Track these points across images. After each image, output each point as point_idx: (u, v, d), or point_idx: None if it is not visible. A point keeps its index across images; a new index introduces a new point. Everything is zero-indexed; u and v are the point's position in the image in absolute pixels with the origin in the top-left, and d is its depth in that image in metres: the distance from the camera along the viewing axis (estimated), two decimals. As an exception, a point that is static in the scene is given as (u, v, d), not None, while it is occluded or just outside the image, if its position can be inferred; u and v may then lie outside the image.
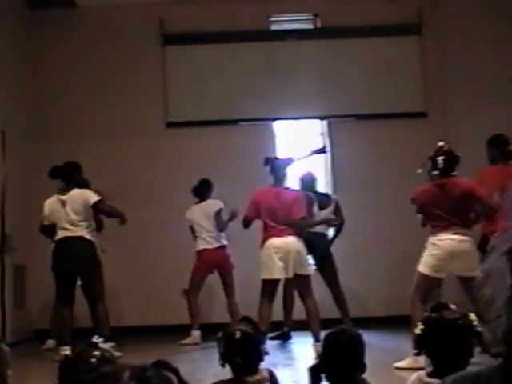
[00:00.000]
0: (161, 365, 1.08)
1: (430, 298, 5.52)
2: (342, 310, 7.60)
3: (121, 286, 8.40)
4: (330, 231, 7.95)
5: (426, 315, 2.71)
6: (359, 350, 2.75)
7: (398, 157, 8.89)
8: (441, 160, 5.58)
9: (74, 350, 2.40)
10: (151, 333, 8.26)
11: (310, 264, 6.82)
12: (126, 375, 1.03)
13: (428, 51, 9.25)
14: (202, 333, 7.45)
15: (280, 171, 6.73)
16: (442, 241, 5.54)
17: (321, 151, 9.41)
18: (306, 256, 6.60)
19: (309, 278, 6.58)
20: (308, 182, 7.77)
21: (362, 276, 8.73)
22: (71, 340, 6.28)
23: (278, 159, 6.94)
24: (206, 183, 8.06)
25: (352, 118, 9.27)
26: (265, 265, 6.48)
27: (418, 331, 2.64)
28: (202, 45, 9.27)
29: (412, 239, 7.08)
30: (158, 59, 9.27)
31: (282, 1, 9.42)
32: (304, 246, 6.54)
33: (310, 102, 9.26)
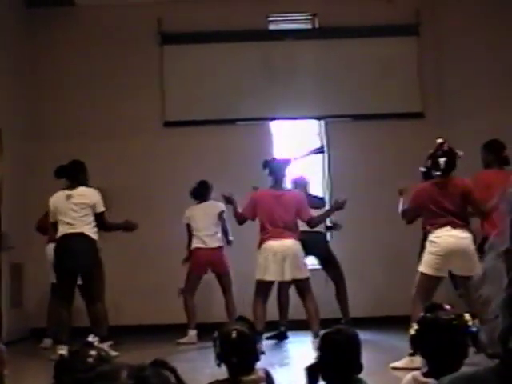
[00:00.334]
0: (159, 364, 1.08)
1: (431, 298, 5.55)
2: (342, 307, 7.63)
3: (118, 285, 8.39)
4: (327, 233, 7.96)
5: (421, 315, 2.72)
6: (356, 349, 2.75)
7: (395, 157, 8.89)
8: (442, 161, 5.63)
9: (70, 349, 2.40)
10: (148, 332, 8.25)
11: (308, 265, 6.80)
12: (124, 374, 1.03)
13: (426, 52, 9.25)
14: (200, 332, 7.44)
15: (279, 172, 6.75)
16: (439, 238, 5.56)
17: (318, 151, 9.43)
18: (304, 258, 6.61)
19: (307, 280, 6.59)
20: (301, 185, 7.77)
21: (359, 276, 8.72)
22: (68, 339, 6.27)
23: (276, 160, 6.95)
24: (205, 185, 8.02)
25: (349, 118, 9.28)
26: (260, 266, 6.50)
27: (412, 332, 2.65)
28: (199, 44, 9.26)
29: (409, 240, 7.11)
30: (155, 58, 9.26)
31: (280, 0, 9.41)
32: (301, 248, 6.55)
33: (308, 101, 9.26)
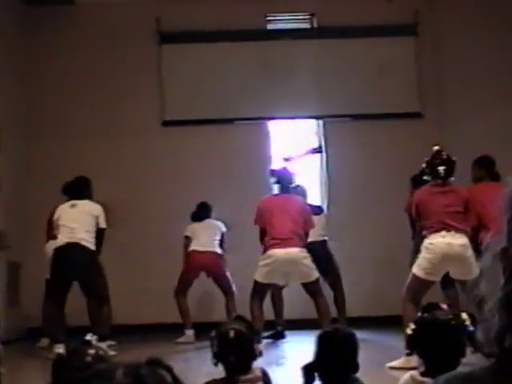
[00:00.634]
0: (154, 362, 1.08)
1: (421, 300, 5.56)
2: (339, 310, 7.64)
3: (115, 284, 8.37)
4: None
5: (418, 316, 2.72)
6: (352, 349, 2.75)
7: (393, 157, 8.90)
8: (442, 170, 5.67)
9: (67, 348, 2.40)
10: (144, 331, 8.24)
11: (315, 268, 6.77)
12: (120, 373, 1.03)
13: (424, 52, 9.26)
14: (199, 332, 7.44)
15: (286, 182, 6.79)
16: (433, 244, 5.56)
17: (316, 151, 9.43)
18: (311, 262, 6.59)
19: (316, 282, 6.60)
20: (299, 195, 7.78)
21: (357, 275, 8.73)
22: (65, 338, 6.27)
23: (284, 171, 6.99)
24: (205, 206, 8.03)
25: (347, 117, 9.28)
26: (263, 269, 6.49)
27: (409, 331, 2.65)
28: (198, 43, 9.26)
29: (407, 240, 7.11)
30: (154, 57, 9.26)
31: (279, 0, 9.42)
32: (308, 254, 6.55)
33: (306, 101, 9.26)
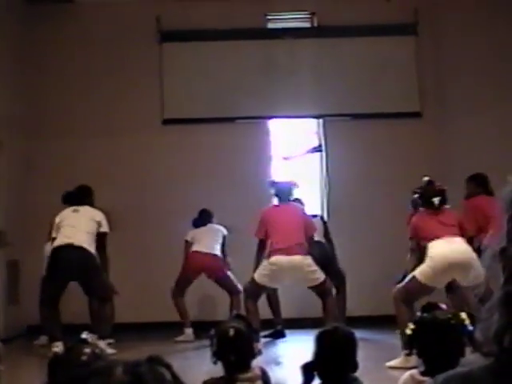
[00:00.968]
0: (154, 360, 1.08)
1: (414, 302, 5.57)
2: (339, 309, 7.64)
3: (115, 284, 8.37)
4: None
5: (418, 315, 2.72)
6: (351, 348, 2.76)
7: (393, 156, 8.90)
8: (437, 201, 5.79)
9: (66, 346, 2.40)
10: (144, 330, 8.24)
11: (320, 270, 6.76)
12: (119, 370, 1.03)
13: (424, 51, 9.25)
14: (198, 331, 7.44)
15: (285, 196, 6.81)
16: (436, 253, 5.55)
17: (316, 150, 9.43)
18: (315, 266, 6.60)
19: (323, 284, 6.60)
20: None
21: (357, 275, 8.73)
22: (62, 335, 6.27)
23: (283, 183, 7.00)
24: (206, 213, 8.03)
25: (347, 117, 9.27)
26: (266, 272, 6.49)
27: (408, 331, 2.65)
28: (198, 42, 9.25)
29: (407, 239, 7.10)
30: (154, 56, 9.25)
31: (279, -1, 9.43)
32: (311, 259, 6.56)
33: (306, 100, 9.26)
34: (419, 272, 5.57)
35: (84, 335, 2.22)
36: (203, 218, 8.00)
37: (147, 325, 8.43)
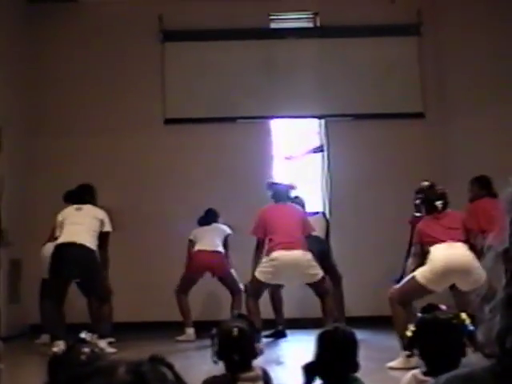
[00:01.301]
0: (156, 360, 1.09)
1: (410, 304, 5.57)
2: (337, 309, 7.63)
3: (115, 282, 8.39)
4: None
5: (419, 316, 2.72)
6: (352, 348, 2.76)
7: (395, 157, 8.90)
8: (440, 204, 5.77)
9: (67, 345, 2.40)
10: (145, 329, 8.24)
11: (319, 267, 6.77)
12: (122, 370, 1.03)
13: (426, 52, 9.25)
14: (199, 330, 7.44)
15: (281, 197, 6.83)
16: (436, 256, 5.55)
17: (317, 150, 9.43)
18: (315, 263, 6.61)
19: (322, 281, 6.62)
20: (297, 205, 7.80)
21: (358, 275, 8.73)
22: (65, 334, 6.27)
23: (280, 185, 7.02)
24: (212, 212, 8.04)
25: (349, 117, 9.27)
26: (267, 269, 6.50)
27: (409, 333, 2.65)
28: (201, 42, 9.26)
29: (406, 237, 7.10)
30: (157, 56, 9.26)
31: (282, -1, 9.42)
32: (311, 255, 6.57)
33: (308, 100, 9.26)
34: (420, 273, 5.55)
35: (83, 334, 2.23)
36: (208, 217, 8.01)
37: (148, 324, 8.43)
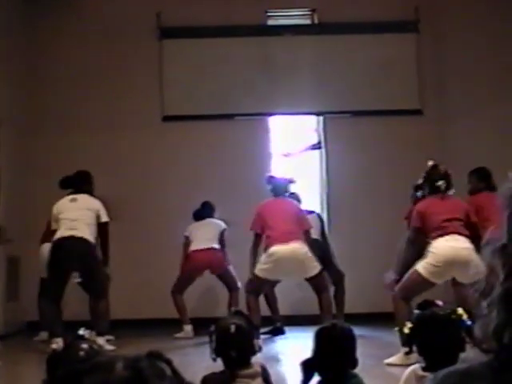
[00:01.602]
0: (154, 355, 1.09)
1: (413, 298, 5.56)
2: (338, 307, 7.65)
3: (114, 280, 8.38)
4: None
5: (418, 313, 2.72)
6: (350, 344, 2.76)
7: (393, 154, 8.90)
8: (442, 184, 5.71)
9: (65, 342, 2.40)
10: (143, 326, 8.24)
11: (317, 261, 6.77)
12: (120, 365, 1.04)
13: (425, 49, 9.25)
14: (197, 327, 7.44)
15: (280, 190, 6.83)
16: (438, 248, 5.52)
17: (315, 147, 9.43)
18: (312, 256, 6.61)
19: (319, 276, 6.61)
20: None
21: (357, 272, 8.74)
22: (62, 331, 6.27)
23: (279, 179, 7.02)
24: (208, 205, 8.03)
25: (348, 114, 9.27)
26: (266, 266, 6.50)
27: (406, 330, 2.65)
28: (198, 39, 9.25)
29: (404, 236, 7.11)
30: (154, 53, 9.24)
31: (280, -4, 9.42)
32: (308, 248, 6.58)
33: (306, 97, 9.26)
34: (421, 267, 5.51)
35: (81, 331, 2.23)
36: (204, 211, 7.99)
37: (146, 321, 8.43)
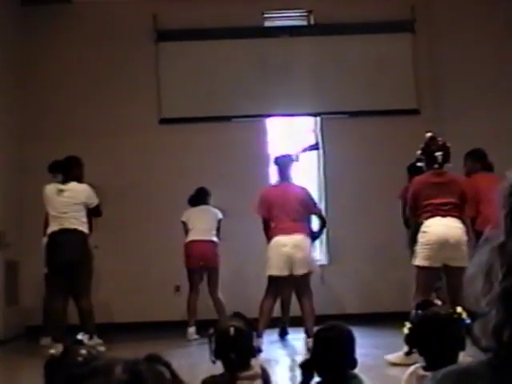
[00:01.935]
0: (153, 359, 1.08)
1: (431, 292, 5.58)
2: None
3: (113, 283, 8.40)
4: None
5: (419, 313, 2.71)
6: (349, 345, 2.76)
7: (390, 154, 8.89)
8: (439, 155, 5.73)
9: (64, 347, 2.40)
10: (143, 329, 8.24)
11: (316, 261, 6.77)
12: (119, 369, 1.03)
13: (421, 48, 9.26)
14: (201, 329, 7.41)
15: (284, 168, 6.80)
16: (430, 227, 5.59)
17: (313, 148, 9.43)
18: (312, 254, 6.62)
19: (309, 275, 6.60)
20: None
21: (355, 272, 8.75)
22: (64, 336, 6.26)
23: (283, 157, 7.01)
24: (203, 191, 8.02)
25: (345, 114, 9.27)
26: (270, 261, 6.51)
27: (406, 331, 2.65)
28: (195, 41, 9.24)
29: (403, 235, 7.12)
30: (151, 55, 9.24)
31: (276, -3, 9.42)
32: (310, 243, 6.57)
33: (303, 98, 9.26)
34: (418, 257, 5.63)
35: (80, 336, 2.22)
36: (200, 197, 7.97)
37: (146, 324, 8.43)
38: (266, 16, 9.49)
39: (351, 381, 2.74)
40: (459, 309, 2.61)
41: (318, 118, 9.44)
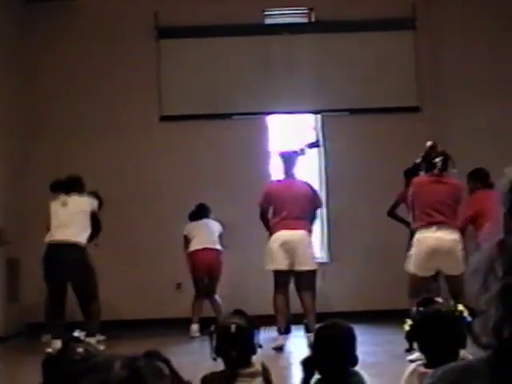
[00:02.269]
0: (152, 355, 1.09)
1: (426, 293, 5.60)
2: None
3: (114, 281, 8.39)
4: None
5: (421, 310, 2.71)
6: (350, 342, 2.76)
7: (391, 151, 8.89)
8: (439, 161, 5.78)
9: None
10: (144, 326, 8.24)
11: (316, 259, 6.78)
12: (118, 365, 1.03)
13: (422, 46, 9.24)
14: (204, 327, 7.43)
15: (288, 161, 6.82)
16: (423, 238, 5.64)
17: (314, 145, 9.42)
18: (313, 251, 6.62)
19: (315, 272, 6.61)
20: None
21: (355, 271, 8.74)
22: (62, 334, 6.26)
23: (288, 152, 7.03)
24: (203, 207, 8.03)
25: (346, 112, 9.27)
26: (268, 256, 6.52)
27: (407, 327, 2.65)
28: (196, 38, 9.24)
29: (405, 235, 7.12)
30: (152, 53, 9.23)
31: (277, -5, 9.41)
32: (311, 240, 6.58)
33: (304, 96, 9.26)
34: (410, 265, 5.70)
35: (77, 333, 2.22)
36: (200, 213, 8.00)
37: (146, 321, 8.43)
38: (266, 13, 9.48)
39: (352, 378, 2.75)
40: (461, 306, 2.60)
41: (319, 116, 9.43)
